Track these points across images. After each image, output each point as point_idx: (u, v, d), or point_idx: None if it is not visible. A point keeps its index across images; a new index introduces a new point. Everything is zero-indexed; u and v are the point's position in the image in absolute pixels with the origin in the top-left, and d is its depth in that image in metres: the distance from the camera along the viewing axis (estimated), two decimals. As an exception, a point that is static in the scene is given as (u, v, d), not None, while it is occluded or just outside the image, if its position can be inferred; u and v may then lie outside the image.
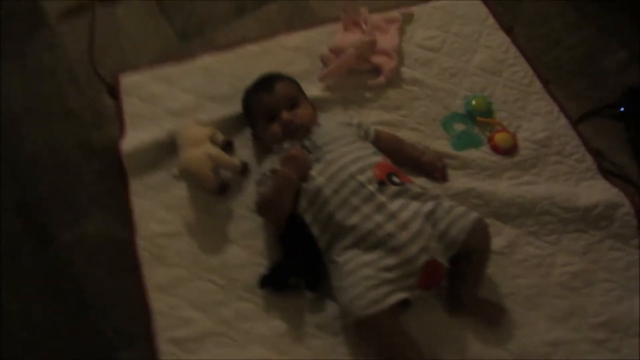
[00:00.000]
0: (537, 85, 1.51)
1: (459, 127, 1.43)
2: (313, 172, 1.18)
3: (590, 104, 1.50)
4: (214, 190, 1.31)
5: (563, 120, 1.45)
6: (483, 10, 1.66)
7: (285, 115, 1.27)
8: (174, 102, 1.48)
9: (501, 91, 1.50)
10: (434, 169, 1.33)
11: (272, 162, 1.26)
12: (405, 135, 1.40)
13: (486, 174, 1.36)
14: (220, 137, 1.38)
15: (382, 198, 1.12)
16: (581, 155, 1.40)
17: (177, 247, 1.25)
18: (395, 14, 1.61)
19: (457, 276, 1.14)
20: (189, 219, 1.29)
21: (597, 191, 1.32)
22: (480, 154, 1.38)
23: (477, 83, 1.51)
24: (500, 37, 1.61)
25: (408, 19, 1.63)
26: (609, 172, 1.37)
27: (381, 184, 1.14)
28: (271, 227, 1.26)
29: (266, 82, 1.34)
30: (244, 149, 1.40)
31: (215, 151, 1.29)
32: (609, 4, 1.72)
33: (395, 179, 1.16)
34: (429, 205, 1.14)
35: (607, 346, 1.14)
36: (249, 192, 1.31)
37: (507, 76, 1.53)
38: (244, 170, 1.35)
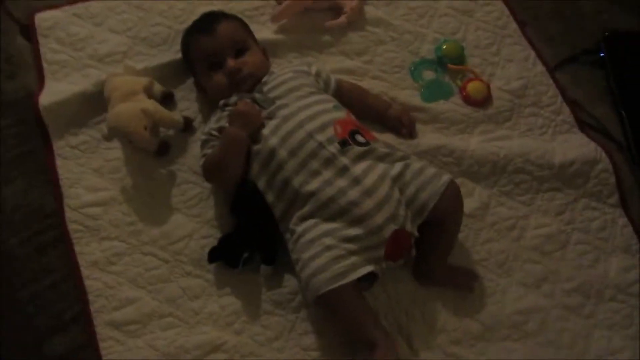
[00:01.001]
0: (512, 27, 1.38)
1: (428, 75, 1.30)
2: (265, 131, 1.03)
3: (567, 49, 1.38)
4: (152, 151, 1.14)
5: (539, 67, 1.33)
6: None
7: (230, 62, 1.10)
8: (101, 46, 1.27)
9: (474, 34, 1.36)
10: (401, 125, 1.19)
11: (219, 119, 1.10)
12: (368, 85, 1.25)
13: (457, 129, 1.24)
14: (158, 88, 1.19)
15: (344, 160, 0.98)
16: (558, 106, 1.29)
17: (112, 217, 1.10)
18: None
19: (427, 244, 1.04)
20: (124, 184, 1.13)
21: (573, 146, 1.22)
22: (451, 106, 1.26)
23: (447, 24, 1.36)
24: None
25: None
26: (587, 125, 1.28)
27: (343, 143, 1.00)
28: (221, 193, 1.12)
29: (206, 23, 1.15)
30: (187, 101, 1.23)
31: (152, 105, 1.11)
32: None
33: (359, 138, 1.03)
34: (397, 167, 1.02)
35: (581, 312, 1.08)
36: (195, 153, 1.15)
37: (480, 17, 1.38)
38: (187, 127, 1.18)
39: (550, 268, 1.12)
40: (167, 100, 1.20)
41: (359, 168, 0.98)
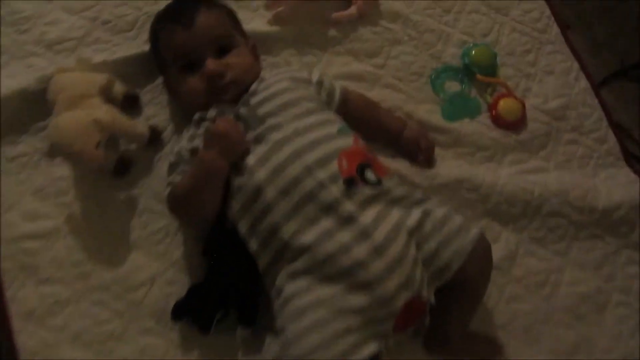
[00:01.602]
0: (554, 31, 1.15)
1: (452, 86, 1.07)
2: (250, 160, 0.81)
3: (615, 60, 1.16)
4: (107, 172, 0.91)
5: (583, 83, 1.12)
6: None
7: (210, 64, 0.86)
8: (50, 29, 1.02)
9: (508, 37, 1.13)
10: (418, 150, 0.98)
11: (192, 137, 0.87)
12: (379, 95, 1.03)
13: (483, 156, 1.03)
14: (119, 88, 0.96)
15: (349, 206, 0.77)
16: (602, 133, 1.08)
17: (54, 254, 0.87)
18: None
19: (445, 309, 0.84)
20: (71, 211, 0.90)
21: (619, 185, 1.02)
22: (478, 127, 1.04)
23: (477, 23, 1.13)
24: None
25: None
26: (634, 158, 1.08)
27: (350, 183, 0.78)
28: (192, 229, 0.90)
29: (183, 10, 0.90)
30: (156, 106, 0.99)
31: (108, 114, 0.87)
32: None
33: (370, 175, 0.81)
34: (415, 216, 0.81)
35: (619, 393, 0.91)
36: (163, 174, 0.92)
37: (517, 16, 1.15)
38: (153, 139, 0.95)
39: (584, 335, 0.93)
40: (130, 104, 0.97)
41: (368, 216, 0.77)
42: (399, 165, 0.97)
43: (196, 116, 0.88)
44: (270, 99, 0.86)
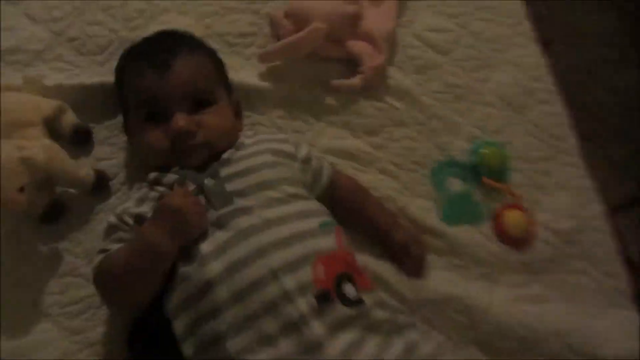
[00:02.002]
0: (572, 141, 1.03)
1: (454, 184, 0.94)
2: (205, 247, 0.65)
3: (633, 184, 1.05)
4: (33, 215, 0.75)
5: (597, 206, 0.99)
6: (519, 7, 1.13)
7: (180, 120, 0.71)
8: (7, 35, 0.88)
9: (522, 139, 1.00)
10: (406, 256, 0.83)
11: (142, 200, 0.72)
12: (372, 181, 0.89)
13: (480, 272, 0.88)
14: (69, 119, 0.81)
15: (318, 329, 0.61)
16: (614, 267, 0.95)
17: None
18: (398, -22, 1.04)
19: None
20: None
21: (625, 332, 0.88)
22: (478, 237, 0.90)
23: (491, 118, 1.01)
24: (533, 55, 1.09)
25: (413, -10, 1.07)
26: (645, 300, 0.95)
27: (323, 297, 0.63)
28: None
29: (159, 49, 0.76)
30: (111, 147, 0.85)
31: (47, 151, 0.71)
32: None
33: (349, 290, 0.65)
34: (396, 349, 0.65)
35: None
36: (100, 231, 0.75)
37: (535, 117, 1.03)
38: (98, 187, 0.79)
39: None
40: (79, 139, 0.82)
41: (337, 346, 0.61)
42: (383, 268, 0.81)
43: (151, 176, 0.72)
44: (244, 174, 0.71)
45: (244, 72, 0.90)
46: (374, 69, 0.93)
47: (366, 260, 0.79)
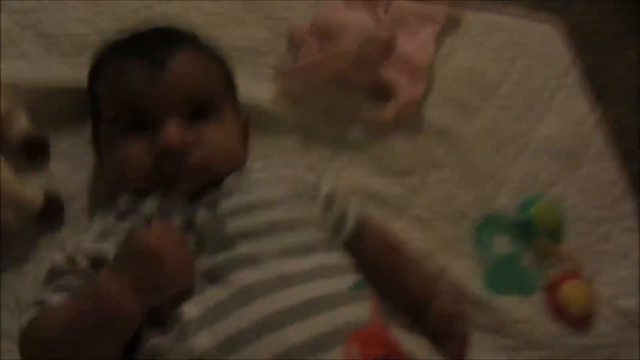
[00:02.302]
0: (630, 203, 0.88)
1: (501, 245, 0.76)
2: (190, 309, 0.45)
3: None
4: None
5: (666, 282, 0.83)
6: (566, 56, 1.00)
7: (172, 130, 0.53)
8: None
9: (577, 197, 0.84)
10: (448, 336, 0.63)
11: (104, 233, 0.52)
12: (405, 229, 0.72)
13: (533, 357, 0.69)
14: (21, 126, 0.63)
15: None
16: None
17: None
18: (438, 8, 0.91)
19: None
20: None
21: None
22: (531, 312, 0.72)
23: (542, 169, 0.85)
24: (581, 107, 0.95)
25: (452, 25, 0.93)
26: None
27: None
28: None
29: (155, 44, 0.59)
30: (70, 165, 0.66)
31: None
32: None
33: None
34: None
35: None
36: (40, 276, 0.55)
37: (590, 173, 0.87)
38: (47, 213, 0.59)
39: None
40: (32, 152, 0.63)
41: None
42: (416, 347, 0.62)
43: (123, 200, 0.53)
44: (252, 209, 0.52)
45: (253, 89, 0.73)
46: (410, 100, 0.77)
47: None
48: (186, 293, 0.45)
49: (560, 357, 0.71)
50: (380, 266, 0.63)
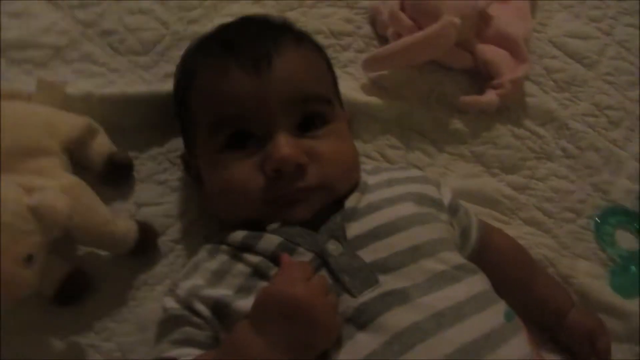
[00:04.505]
0: None
1: (626, 239, 0.68)
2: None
3: None
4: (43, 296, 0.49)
5: None
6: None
7: (284, 145, 0.45)
8: (14, 25, 0.62)
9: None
10: (588, 348, 0.57)
11: (220, 274, 0.45)
12: (516, 234, 0.63)
13: (679, 370, 0.63)
14: (102, 145, 0.56)
15: None
16: None
17: None
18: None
19: None
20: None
21: None
22: (664, 316, 0.65)
23: (657, 149, 0.76)
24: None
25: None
26: None
27: None
28: None
29: (252, 38, 0.50)
30: (162, 187, 0.58)
31: (68, 194, 0.45)
32: None
33: None
34: None
35: None
36: (146, 317, 0.50)
37: None
38: (142, 248, 0.53)
39: None
40: (115, 175, 0.56)
41: None
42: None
43: (237, 236, 0.46)
44: (386, 234, 0.45)
45: (339, 83, 0.65)
46: (514, 81, 0.68)
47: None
48: (334, 345, 0.39)
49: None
50: (510, 279, 0.55)
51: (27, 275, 0.41)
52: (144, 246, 0.52)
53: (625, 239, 0.69)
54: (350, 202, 0.47)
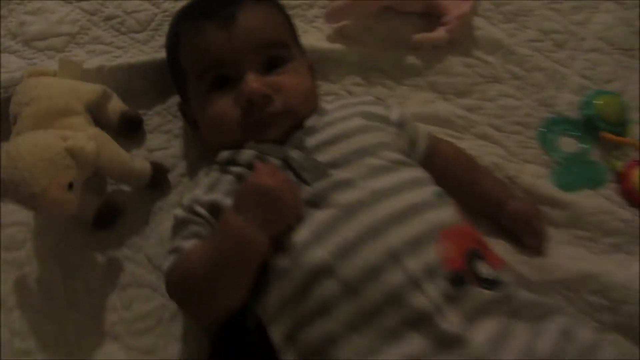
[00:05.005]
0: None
1: (568, 144, 0.79)
2: (303, 233, 0.52)
3: None
4: (83, 221, 0.63)
5: None
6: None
7: (252, 81, 0.59)
8: (35, 20, 0.78)
9: (638, 89, 0.85)
10: (527, 230, 0.69)
11: (214, 185, 0.59)
12: (471, 148, 0.75)
13: (611, 243, 0.72)
14: (116, 106, 0.70)
15: (454, 318, 0.48)
16: None
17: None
18: None
19: None
20: (23, 275, 0.62)
21: None
22: (603, 203, 0.74)
23: (599, 65, 0.85)
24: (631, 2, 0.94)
25: None
26: None
27: (457, 281, 0.50)
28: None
29: (220, 3, 0.63)
30: (166, 135, 0.73)
31: (95, 140, 0.59)
32: None
33: (483, 268, 0.52)
34: (549, 337, 0.50)
35: None
36: (163, 232, 0.64)
37: (649, 59, 0.88)
38: (156, 181, 0.67)
39: None
40: (129, 129, 0.70)
41: (480, 338, 0.48)
42: (499, 247, 0.67)
43: (223, 155, 0.60)
44: (337, 141, 0.58)
45: (308, 36, 0.77)
46: (461, 17, 0.79)
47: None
48: (297, 220, 0.52)
49: (637, 239, 0.75)
50: (456, 179, 0.67)
51: (70, 198, 0.56)
52: (158, 180, 0.67)
53: (567, 144, 0.80)
54: (309, 122, 0.60)
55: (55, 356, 0.60)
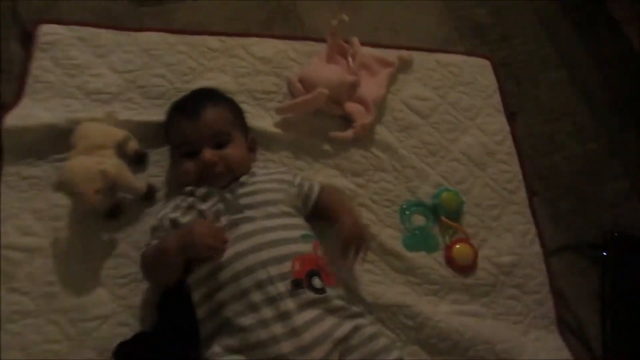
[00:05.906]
0: (522, 195, 1.29)
1: (418, 220, 1.19)
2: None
3: (571, 235, 1.28)
4: (99, 213, 1.04)
5: (536, 248, 1.23)
6: (492, 83, 1.41)
7: (206, 154, 1.00)
8: (94, 80, 1.18)
9: (479, 190, 1.26)
10: (346, 242, 1.00)
11: (177, 207, 0.99)
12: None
13: (429, 289, 1.13)
14: (133, 145, 1.10)
15: (290, 304, 0.87)
16: (543, 297, 1.18)
17: (32, 269, 0.98)
18: (392, 56, 1.34)
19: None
20: (58, 237, 1.02)
21: (546, 349, 1.11)
22: (431, 262, 1.15)
23: (455, 171, 1.27)
24: (499, 123, 1.36)
25: (405, 65, 1.36)
26: (566, 325, 1.17)
27: (296, 284, 0.89)
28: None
29: (192, 105, 1.06)
30: (160, 168, 1.12)
31: (115, 167, 1.00)
32: (629, 120, 1.50)
33: (316, 282, 0.92)
34: (346, 327, 0.90)
35: None
36: (145, 228, 1.04)
37: (492, 174, 1.29)
38: (148, 196, 1.08)
39: None
40: (139, 160, 1.11)
41: (302, 318, 0.87)
42: (353, 278, 1.07)
43: (187, 188, 1.00)
44: (254, 194, 0.99)
45: (264, 120, 1.18)
46: (363, 125, 1.21)
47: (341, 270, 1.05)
48: (214, 254, 0.90)
49: (449, 291, 1.14)
50: (327, 205, 1.06)
51: (95, 199, 0.96)
52: (149, 195, 1.07)
53: (418, 219, 1.20)
54: (242, 179, 1.01)
55: (67, 288, 0.98)
